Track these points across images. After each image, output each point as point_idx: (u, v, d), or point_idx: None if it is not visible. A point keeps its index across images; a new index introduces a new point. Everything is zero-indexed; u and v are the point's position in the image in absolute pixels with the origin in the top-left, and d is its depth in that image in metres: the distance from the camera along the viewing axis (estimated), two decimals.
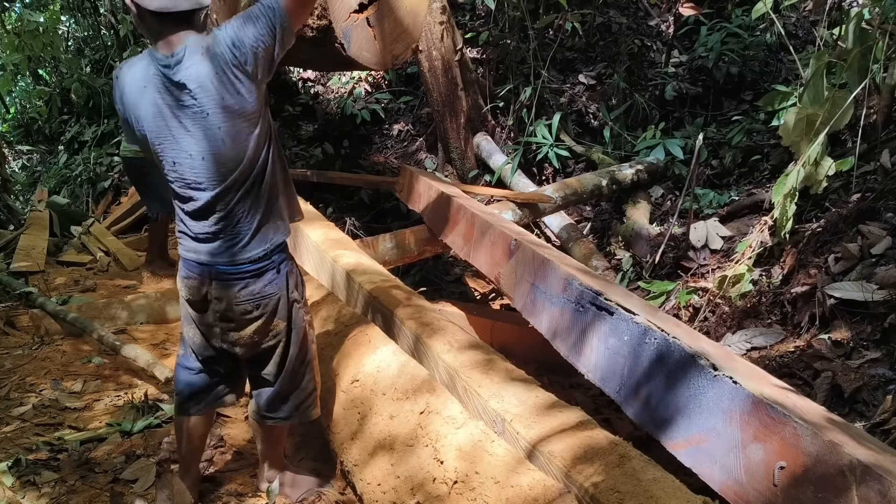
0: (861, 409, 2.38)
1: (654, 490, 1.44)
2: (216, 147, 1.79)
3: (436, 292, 5.18)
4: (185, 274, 1.98)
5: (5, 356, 3.50)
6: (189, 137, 1.79)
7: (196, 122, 1.77)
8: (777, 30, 5.79)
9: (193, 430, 2.23)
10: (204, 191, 1.84)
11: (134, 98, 1.81)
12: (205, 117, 1.76)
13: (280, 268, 1.99)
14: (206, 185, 1.83)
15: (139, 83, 1.79)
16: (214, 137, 1.78)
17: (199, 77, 1.73)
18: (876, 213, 3.15)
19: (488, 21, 6.88)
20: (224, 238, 1.90)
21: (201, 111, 1.76)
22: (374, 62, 4.25)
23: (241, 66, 1.75)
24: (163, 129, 1.80)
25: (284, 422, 2.21)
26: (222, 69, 1.74)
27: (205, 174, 1.82)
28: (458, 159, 6.21)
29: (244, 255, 1.92)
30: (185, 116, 1.77)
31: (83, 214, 7.01)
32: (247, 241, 1.91)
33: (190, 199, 1.87)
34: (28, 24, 8.40)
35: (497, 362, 2.12)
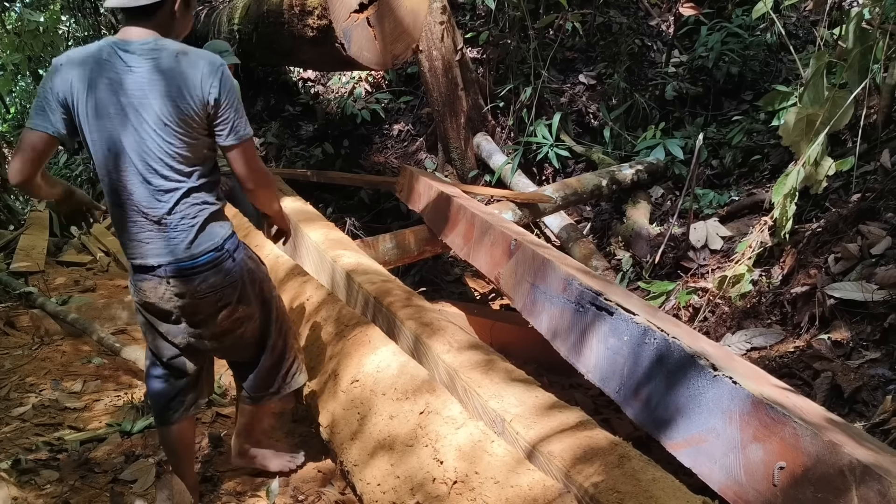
0: (861, 409, 2.38)
1: (653, 490, 1.44)
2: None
3: (436, 292, 5.18)
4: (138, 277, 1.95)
5: (5, 356, 3.50)
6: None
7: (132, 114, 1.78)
8: (777, 30, 5.79)
9: (179, 438, 2.19)
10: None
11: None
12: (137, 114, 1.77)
13: (235, 256, 1.99)
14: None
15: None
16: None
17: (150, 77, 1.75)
18: (876, 213, 3.15)
19: (488, 21, 6.88)
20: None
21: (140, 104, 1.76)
22: (374, 62, 4.27)
23: (192, 110, 1.78)
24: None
25: (275, 396, 2.27)
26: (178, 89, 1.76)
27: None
28: (458, 159, 6.21)
29: (198, 250, 1.92)
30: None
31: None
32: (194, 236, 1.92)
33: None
34: (28, 24, 8.40)
35: (497, 362, 2.12)
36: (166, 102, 1.75)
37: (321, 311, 2.81)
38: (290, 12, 4.46)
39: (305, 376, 2.32)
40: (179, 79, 1.75)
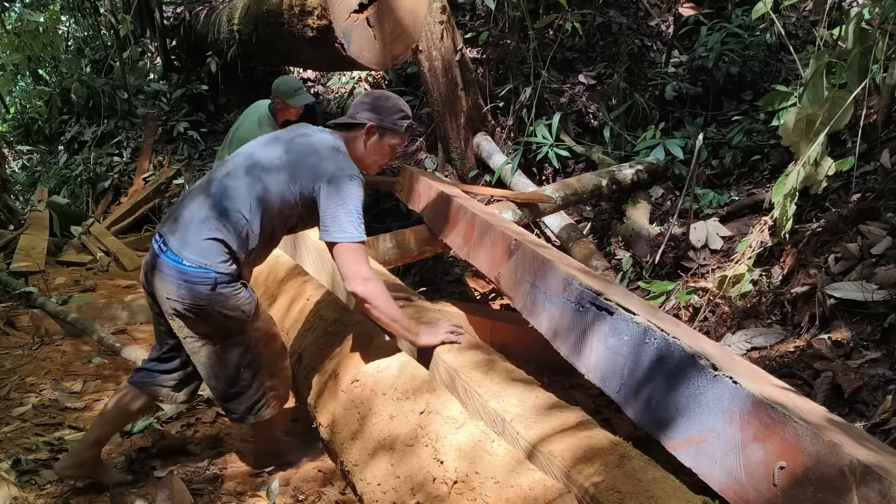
0: (861, 409, 2.38)
1: (654, 490, 1.44)
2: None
3: (436, 292, 5.18)
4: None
5: (5, 356, 3.50)
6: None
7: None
8: (777, 30, 5.79)
9: (120, 396, 2.33)
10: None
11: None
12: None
13: (216, 287, 2.06)
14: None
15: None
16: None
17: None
18: (876, 213, 3.15)
19: (488, 21, 6.88)
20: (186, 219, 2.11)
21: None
22: (373, 62, 4.26)
23: (305, 188, 2.11)
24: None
25: (239, 421, 2.34)
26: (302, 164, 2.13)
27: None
28: (458, 159, 6.21)
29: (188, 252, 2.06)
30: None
31: (83, 214, 7.01)
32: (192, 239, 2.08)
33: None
34: (28, 24, 8.40)
35: (497, 362, 2.12)
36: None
37: (321, 311, 2.82)
38: (290, 12, 4.46)
39: (272, 411, 2.36)
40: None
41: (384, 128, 2.22)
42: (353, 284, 2.03)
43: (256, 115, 4.33)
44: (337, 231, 2.03)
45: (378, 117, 2.20)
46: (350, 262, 2.03)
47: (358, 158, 2.22)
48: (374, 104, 2.22)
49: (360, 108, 2.24)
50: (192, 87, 7.93)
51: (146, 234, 6.75)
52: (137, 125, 8.33)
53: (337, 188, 2.04)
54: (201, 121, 8.04)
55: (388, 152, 2.29)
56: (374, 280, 2.06)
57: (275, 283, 3.27)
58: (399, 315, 2.13)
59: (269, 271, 3.35)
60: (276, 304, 3.14)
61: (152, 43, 9.18)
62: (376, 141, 2.23)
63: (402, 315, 2.15)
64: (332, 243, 2.04)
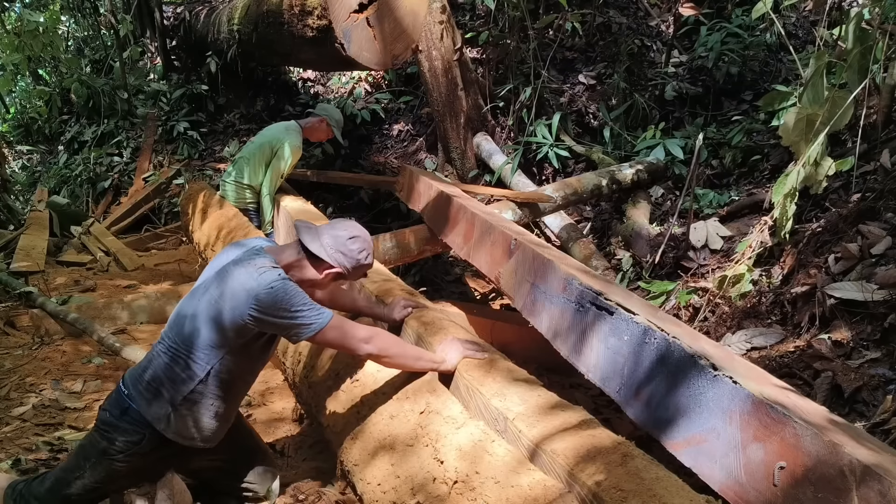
0: (861, 409, 2.39)
1: (656, 488, 1.44)
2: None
3: (436, 292, 5.18)
4: None
5: (5, 356, 3.50)
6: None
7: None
8: (777, 30, 5.79)
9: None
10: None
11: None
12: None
13: (125, 419, 2.01)
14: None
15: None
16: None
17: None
18: (876, 213, 3.15)
19: (488, 21, 6.88)
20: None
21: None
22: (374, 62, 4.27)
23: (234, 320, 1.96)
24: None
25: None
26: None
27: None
28: (458, 159, 6.21)
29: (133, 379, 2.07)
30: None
31: (83, 214, 7.01)
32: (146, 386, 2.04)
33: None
34: (28, 24, 8.39)
35: (499, 362, 2.12)
36: None
37: None
38: (290, 12, 4.46)
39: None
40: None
41: (346, 277, 2.13)
42: (360, 350, 2.01)
43: (284, 125, 4.47)
44: (305, 331, 1.94)
45: (348, 266, 2.07)
46: (341, 338, 1.99)
47: (303, 283, 2.05)
48: (353, 256, 2.08)
49: (337, 245, 2.07)
50: (192, 87, 7.93)
51: (146, 233, 6.75)
52: (137, 125, 8.33)
53: (271, 306, 1.91)
54: (201, 121, 8.04)
55: (332, 291, 2.25)
56: (376, 336, 2.03)
57: None
58: (416, 353, 2.11)
59: None
60: None
61: (152, 43, 9.18)
62: (331, 282, 2.13)
63: (419, 352, 2.12)
64: (311, 338, 1.98)
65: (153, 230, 6.80)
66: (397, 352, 2.05)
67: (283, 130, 4.37)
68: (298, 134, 4.37)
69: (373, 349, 2.01)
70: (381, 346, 2.02)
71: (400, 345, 2.09)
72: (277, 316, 1.91)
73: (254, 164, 4.32)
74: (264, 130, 4.52)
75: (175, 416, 2.02)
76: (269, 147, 4.30)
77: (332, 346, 2.06)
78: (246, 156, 4.39)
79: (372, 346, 2.00)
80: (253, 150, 4.37)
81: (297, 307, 1.92)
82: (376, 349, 2.01)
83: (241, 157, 4.43)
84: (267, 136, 4.39)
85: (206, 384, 2.02)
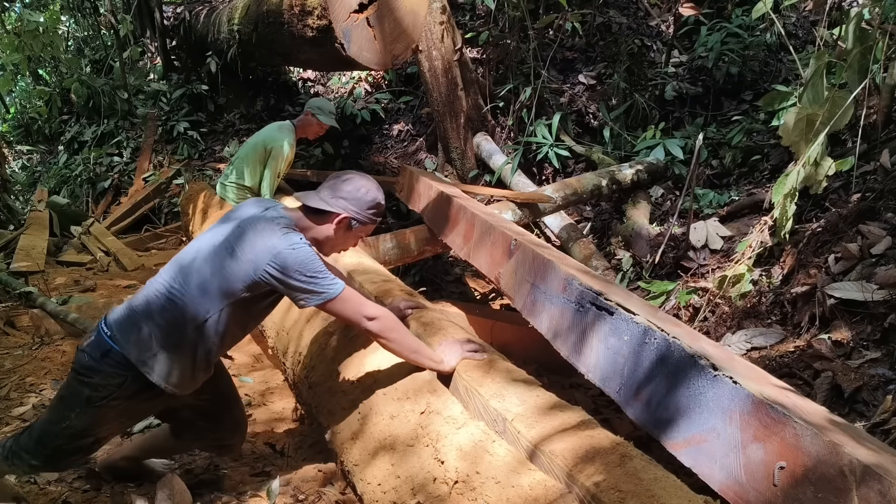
0: (861, 409, 2.39)
1: (655, 489, 1.44)
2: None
3: (436, 292, 5.18)
4: None
5: (5, 356, 3.50)
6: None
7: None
8: (777, 30, 5.79)
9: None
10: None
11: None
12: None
13: (103, 358, 1.98)
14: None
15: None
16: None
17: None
18: (876, 213, 3.15)
19: (488, 21, 6.88)
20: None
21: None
22: (374, 62, 4.27)
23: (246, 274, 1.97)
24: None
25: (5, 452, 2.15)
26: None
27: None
28: (458, 159, 6.21)
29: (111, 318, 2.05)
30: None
31: (83, 214, 7.01)
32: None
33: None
34: (28, 24, 8.39)
35: (498, 362, 2.12)
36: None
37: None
38: (290, 12, 4.46)
39: (9, 473, 2.20)
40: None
41: (358, 220, 2.11)
42: (364, 325, 2.00)
43: (278, 124, 4.45)
44: (314, 298, 1.95)
45: (354, 209, 2.08)
46: (348, 310, 1.99)
47: (318, 242, 2.10)
48: (353, 195, 2.09)
49: (333, 192, 2.10)
50: (192, 87, 7.94)
51: (146, 233, 6.75)
52: (137, 125, 8.33)
53: (285, 267, 1.92)
54: (201, 121, 8.04)
55: (352, 243, 2.21)
56: (384, 316, 2.03)
57: None
58: (418, 346, 2.09)
59: None
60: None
61: (152, 43, 9.19)
62: (344, 231, 2.12)
63: (421, 346, 2.11)
64: (320, 306, 1.98)
65: (153, 230, 6.80)
66: (398, 338, 2.04)
67: (276, 130, 4.37)
68: (291, 132, 4.37)
69: (376, 328, 2.00)
70: (385, 327, 2.01)
71: (404, 333, 2.08)
72: (293, 277, 1.92)
73: (251, 165, 4.33)
74: (259, 131, 4.53)
75: (160, 359, 1.99)
76: (263, 147, 4.31)
77: (337, 317, 2.03)
78: (242, 157, 4.40)
79: (376, 325, 2.00)
80: (248, 151, 4.38)
81: (313, 273, 1.93)
82: (379, 328, 2.01)
83: (238, 159, 4.43)
84: (261, 137, 4.40)
85: (200, 332, 2.01)
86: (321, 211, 2.08)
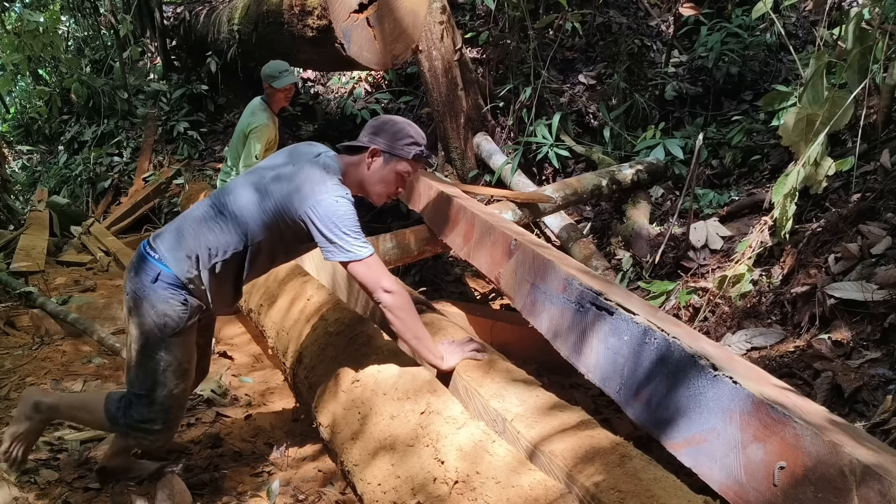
0: (861, 409, 2.38)
1: (654, 489, 1.45)
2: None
3: (436, 292, 5.18)
4: None
5: (5, 356, 3.50)
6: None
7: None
8: (777, 30, 5.79)
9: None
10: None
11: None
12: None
13: (156, 281, 2.04)
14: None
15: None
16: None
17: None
18: (876, 213, 3.15)
19: (488, 21, 6.88)
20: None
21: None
22: (374, 62, 4.27)
23: (291, 212, 2.07)
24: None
25: (112, 425, 2.22)
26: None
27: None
28: (458, 159, 6.21)
29: (157, 243, 2.10)
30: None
31: (83, 214, 7.01)
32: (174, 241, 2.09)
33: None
34: (28, 24, 8.40)
35: (498, 362, 2.12)
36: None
37: (322, 310, 2.82)
38: (290, 12, 4.47)
39: (148, 446, 2.28)
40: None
41: (389, 153, 2.11)
42: (378, 295, 2.03)
43: (251, 107, 4.47)
44: (340, 253, 2.00)
45: (384, 141, 2.11)
46: (369, 276, 2.02)
47: (359, 184, 2.14)
48: (382, 128, 2.14)
49: (367, 131, 2.17)
50: (192, 87, 7.94)
51: (146, 233, 6.75)
52: (137, 125, 8.33)
53: (324, 214, 1.98)
54: (201, 121, 8.04)
55: (393, 180, 2.16)
56: (401, 293, 2.04)
57: (275, 283, 3.28)
58: (424, 334, 2.10)
59: (270, 272, 3.35)
60: (277, 303, 3.14)
61: (152, 43, 9.19)
62: (380, 166, 2.12)
63: (426, 336, 2.11)
64: (344, 263, 2.03)
65: (153, 230, 6.79)
66: (407, 319, 2.06)
67: (249, 115, 4.39)
68: (264, 109, 4.37)
69: (389, 301, 2.03)
70: (397, 304, 2.04)
71: (414, 317, 2.08)
72: (328, 228, 1.99)
73: (242, 154, 4.38)
74: (240, 121, 4.54)
75: (202, 278, 2.08)
76: (243, 134, 4.35)
77: (356, 280, 2.06)
78: (232, 153, 4.47)
79: (390, 299, 2.03)
80: (234, 143, 4.45)
81: (348, 229, 2.00)
82: (392, 303, 2.03)
83: (229, 154, 4.52)
84: (239, 127, 4.43)
85: (238, 257, 2.10)
86: (356, 150, 2.15)
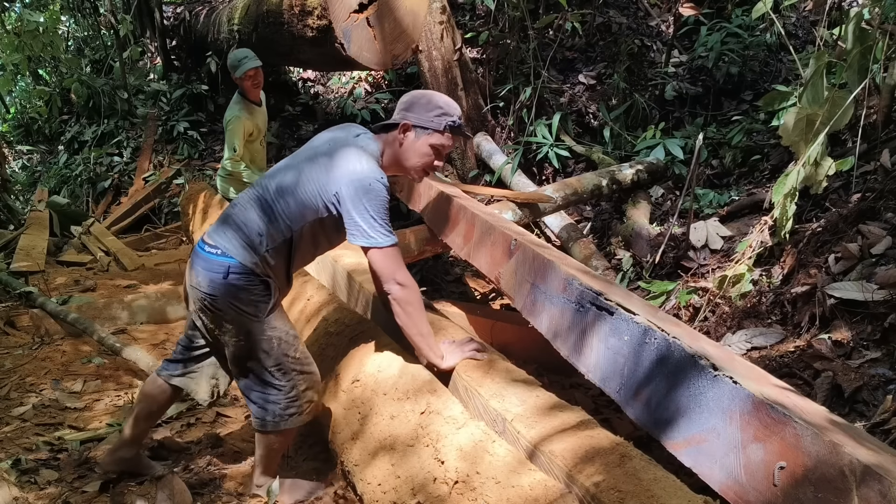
0: (861, 409, 2.38)
1: (654, 489, 1.45)
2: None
3: (436, 292, 5.18)
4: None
5: (5, 356, 3.50)
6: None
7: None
8: (777, 30, 5.79)
9: (150, 390, 2.35)
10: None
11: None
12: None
13: (228, 276, 2.03)
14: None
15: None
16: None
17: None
18: (876, 213, 3.15)
19: (488, 21, 6.88)
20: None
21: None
22: (374, 62, 4.27)
23: (326, 194, 2.07)
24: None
25: (261, 429, 2.19)
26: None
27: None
28: (458, 159, 6.21)
29: (215, 238, 2.08)
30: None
31: (83, 214, 7.01)
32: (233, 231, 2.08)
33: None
34: (28, 24, 8.40)
35: (498, 362, 2.12)
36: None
37: (322, 311, 2.82)
38: (290, 12, 4.47)
39: (307, 418, 2.24)
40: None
41: (420, 126, 2.08)
42: (389, 286, 2.03)
43: (230, 104, 4.46)
44: (363, 237, 2.00)
45: (415, 115, 2.09)
46: (385, 266, 2.03)
47: (396, 162, 2.13)
48: (412, 101, 2.12)
49: (399, 107, 2.16)
50: (192, 87, 7.93)
51: (146, 233, 6.75)
52: (137, 125, 8.33)
53: (356, 194, 1.98)
54: (201, 121, 8.04)
55: (427, 153, 2.12)
56: (413, 288, 2.04)
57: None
58: (428, 331, 2.09)
59: None
60: None
61: (152, 43, 9.19)
62: (412, 141, 2.09)
63: (430, 333, 2.10)
64: (364, 248, 2.04)
65: (153, 230, 6.80)
66: (414, 314, 2.06)
67: (228, 111, 4.39)
68: (236, 103, 4.35)
69: (399, 294, 2.03)
70: (407, 298, 2.04)
71: (421, 313, 2.09)
72: (356, 207, 1.98)
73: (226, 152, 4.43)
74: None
75: (267, 261, 2.08)
76: (224, 130, 4.41)
77: (372, 266, 2.08)
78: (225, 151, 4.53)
79: (400, 291, 2.03)
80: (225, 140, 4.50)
81: (375, 213, 1.99)
82: (401, 296, 2.04)
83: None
84: (224, 124, 4.45)
85: (286, 243, 2.09)
86: (389, 128, 2.15)
